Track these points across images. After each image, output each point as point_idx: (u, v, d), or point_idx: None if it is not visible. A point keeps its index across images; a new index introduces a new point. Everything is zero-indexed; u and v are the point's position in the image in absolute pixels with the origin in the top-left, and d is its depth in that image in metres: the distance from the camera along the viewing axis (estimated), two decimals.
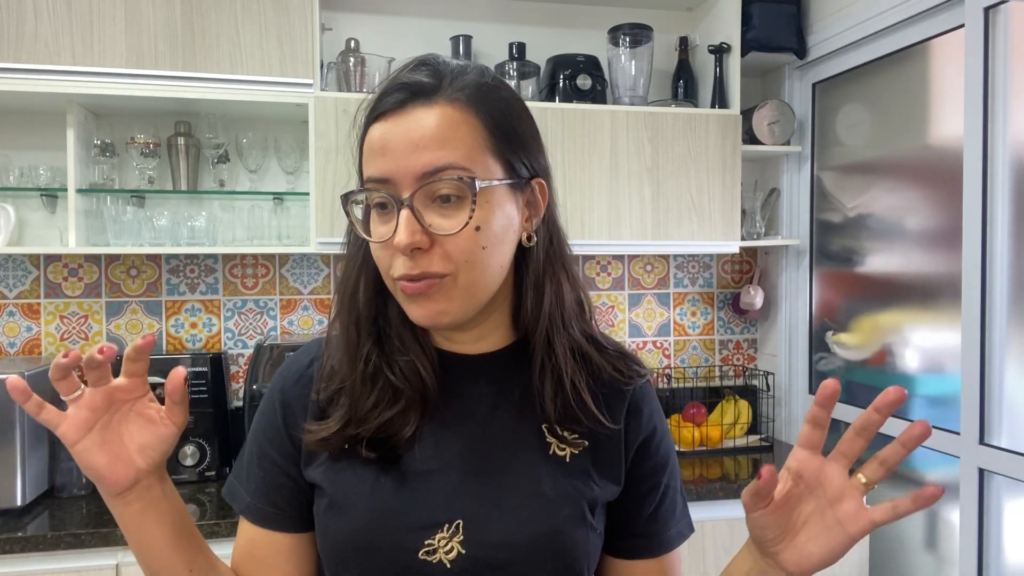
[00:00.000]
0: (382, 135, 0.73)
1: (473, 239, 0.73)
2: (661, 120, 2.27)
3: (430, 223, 0.72)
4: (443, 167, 0.71)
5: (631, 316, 2.64)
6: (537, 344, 0.81)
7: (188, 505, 1.89)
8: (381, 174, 0.73)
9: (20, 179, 2.12)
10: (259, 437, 0.85)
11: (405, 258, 0.72)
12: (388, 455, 0.79)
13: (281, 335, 2.37)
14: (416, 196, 0.72)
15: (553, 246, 0.83)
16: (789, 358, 2.57)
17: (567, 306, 0.82)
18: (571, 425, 0.82)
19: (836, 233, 2.42)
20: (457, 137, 0.73)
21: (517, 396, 0.82)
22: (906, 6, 2.00)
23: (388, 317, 0.82)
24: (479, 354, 0.84)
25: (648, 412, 0.87)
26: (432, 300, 0.74)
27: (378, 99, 0.75)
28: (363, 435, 0.78)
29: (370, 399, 0.79)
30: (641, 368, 0.88)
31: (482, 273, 0.75)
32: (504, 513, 0.78)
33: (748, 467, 2.28)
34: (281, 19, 2.03)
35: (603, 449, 0.83)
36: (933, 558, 2.08)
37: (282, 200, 2.24)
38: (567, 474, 0.81)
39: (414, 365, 0.80)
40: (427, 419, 0.80)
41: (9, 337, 2.22)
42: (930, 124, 2.07)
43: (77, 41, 1.93)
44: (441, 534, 0.76)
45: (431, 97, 0.73)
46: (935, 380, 2.06)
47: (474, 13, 2.45)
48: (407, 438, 0.79)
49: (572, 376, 0.80)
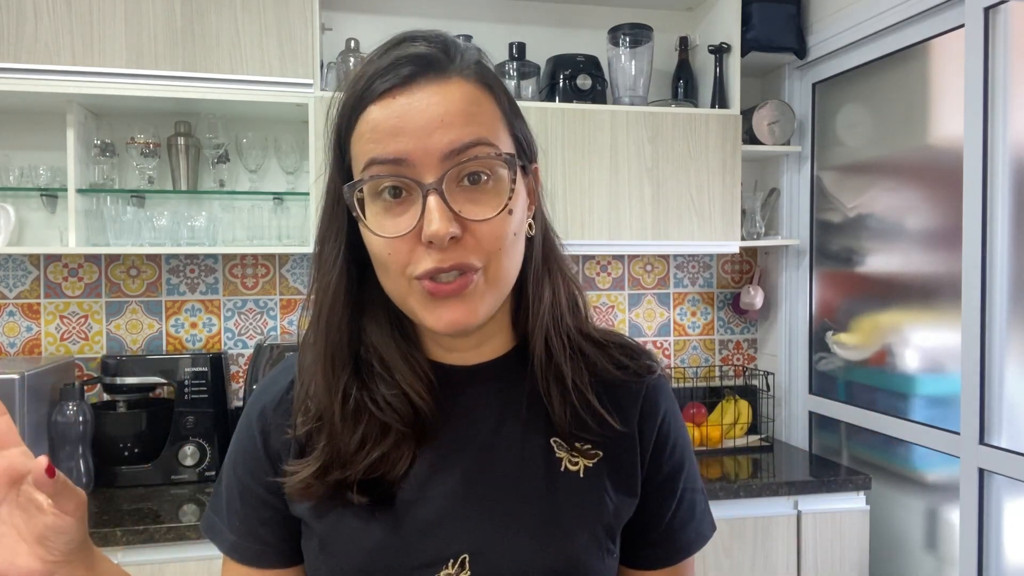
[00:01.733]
0: (394, 113, 0.63)
1: (507, 224, 0.65)
2: (661, 120, 2.27)
3: (460, 209, 0.63)
4: (472, 143, 0.63)
5: (631, 316, 2.64)
6: (537, 347, 0.73)
7: (188, 505, 1.89)
8: (396, 154, 0.62)
9: (20, 179, 2.12)
10: (238, 469, 0.76)
11: (432, 252, 0.63)
12: (381, 494, 0.70)
13: (281, 335, 2.37)
14: (445, 179, 0.62)
15: (547, 238, 0.75)
16: (789, 358, 2.57)
17: (564, 303, 0.75)
18: (582, 434, 0.74)
19: (836, 233, 2.42)
20: (483, 112, 0.65)
21: (523, 408, 0.74)
22: (906, 6, 2.00)
23: (365, 339, 0.72)
24: (479, 363, 0.75)
25: (663, 411, 0.80)
26: (464, 302, 0.65)
27: (377, 77, 0.65)
28: (351, 478, 0.69)
29: (354, 438, 0.69)
30: (652, 362, 0.80)
31: (510, 263, 0.67)
32: (515, 544, 0.70)
33: (748, 467, 2.28)
34: (281, 19, 2.03)
35: (617, 458, 0.76)
36: (933, 558, 2.08)
37: (282, 200, 2.24)
38: (581, 493, 0.73)
39: (402, 395, 0.70)
40: (424, 447, 0.71)
41: (9, 337, 2.22)
42: (930, 124, 2.07)
43: (77, 41, 1.93)
44: (447, 571, 0.69)
45: (445, 71, 0.65)
46: (935, 380, 2.06)
47: (474, 13, 2.45)
48: (402, 473, 0.70)
49: (574, 377, 0.73)
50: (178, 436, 2.05)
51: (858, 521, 2.13)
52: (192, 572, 1.76)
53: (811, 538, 2.10)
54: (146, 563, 1.74)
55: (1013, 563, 1.79)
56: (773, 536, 2.08)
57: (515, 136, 0.69)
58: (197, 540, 1.76)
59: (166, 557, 1.76)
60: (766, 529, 2.07)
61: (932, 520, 2.10)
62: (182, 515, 1.82)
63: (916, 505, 2.14)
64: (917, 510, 2.14)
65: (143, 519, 1.78)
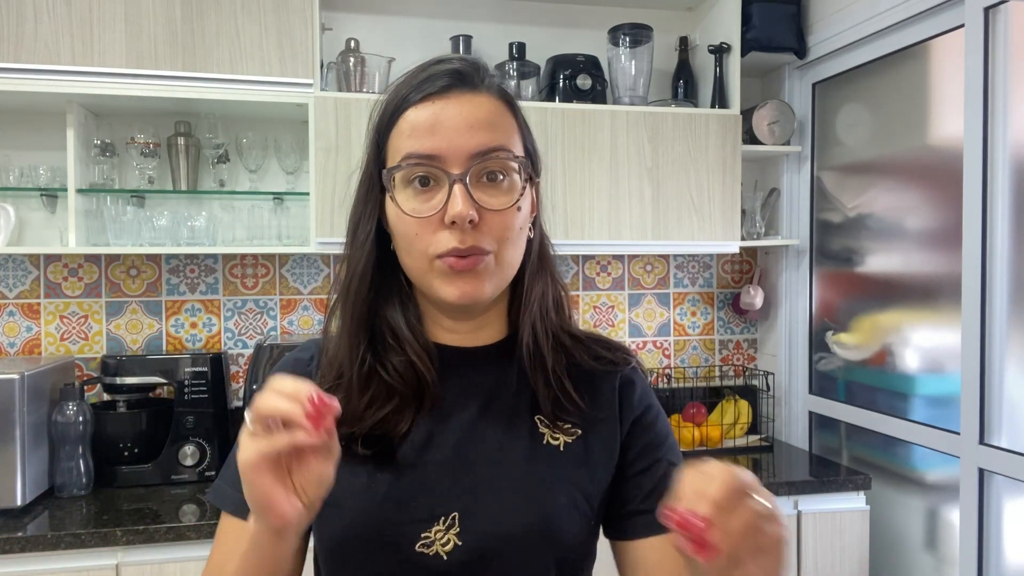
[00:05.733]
0: (431, 115, 0.76)
1: (515, 217, 0.78)
2: (661, 120, 2.27)
3: (479, 199, 0.75)
4: (496, 147, 0.76)
5: (631, 316, 2.64)
6: (525, 335, 0.84)
7: (188, 505, 1.89)
8: (430, 151, 0.75)
9: (20, 179, 2.12)
10: None
11: (453, 233, 0.75)
12: (383, 451, 0.80)
13: (281, 335, 2.37)
14: (469, 173, 0.75)
15: (543, 243, 0.88)
16: (789, 358, 2.57)
17: (551, 301, 0.86)
18: (563, 415, 0.83)
19: (836, 233, 2.42)
20: (504, 124, 0.79)
21: (512, 388, 0.84)
22: (906, 6, 2.00)
23: (381, 313, 0.83)
24: (476, 347, 0.85)
25: (639, 392, 0.89)
26: (477, 277, 0.77)
27: (421, 83, 0.78)
28: (358, 433, 0.79)
29: (364, 398, 0.80)
30: (626, 354, 0.90)
31: (515, 253, 0.80)
32: (498, 504, 0.79)
33: (748, 467, 2.28)
34: (281, 19, 2.03)
35: (597, 436, 0.85)
36: (933, 558, 2.08)
37: (282, 200, 2.24)
38: (561, 463, 0.82)
39: (409, 363, 0.81)
40: (423, 413, 0.81)
41: (9, 337, 2.22)
42: (930, 124, 2.07)
43: (77, 41, 1.93)
44: (438, 527, 0.77)
45: (476, 86, 0.78)
46: (935, 380, 2.06)
47: (474, 13, 2.45)
48: (402, 434, 0.80)
49: (554, 366, 0.83)
50: (178, 436, 2.05)
51: (858, 521, 2.13)
52: (192, 572, 1.76)
53: (811, 538, 2.10)
54: (146, 563, 1.74)
55: (1013, 563, 1.79)
56: None
57: (527, 149, 0.82)
58: (197, 540, 1.76)
59: (166, 557, 1.75)
60: None
61: (932, 520, 2.10)
62: (182, 515, 1.82)
63: (916, 505, 2.14)
64: (917, 510, 2.14)
65: (143, 519, 1.78)
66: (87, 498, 1.94)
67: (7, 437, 1.82)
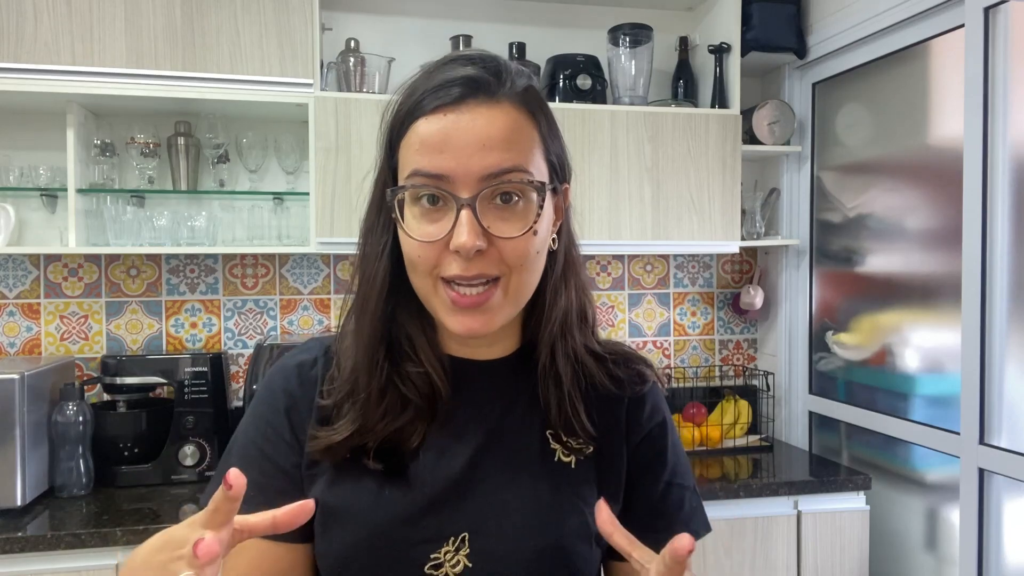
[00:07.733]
0: (441, 129, 0.69)
1: (531, 243, 0.72)
2: (661, 120, 2.27)
3: (489, 225, 0.70)
4: (509, 169, 0.70)
5: (631, 316, 2.64)
6: (543, 353, 0.80)
7: (188, 505, 1.89)
8: (438, 170, 0.69)
9: (20, 179, 2.12)
10: (257, 440, 0.80)
11: (459, 259, 0.70)
12: (394, 465, 0.77)
13: (281, 335, 2.37)
14: (479, 197, 0.69)
15: (570, 252, 0.82)
16: (789, 358, 2.57)
17: (573, 314, 0.81)
18: (574, 432, 0.80)
19: (836, 233, 2.42)
20: (522, 139, 0.72)
21: (524, 403, 0.81)
22: (906, 6, 2.00)
23: (399, 321, 0.79)
24: (490, 360, 0.82)
25: (649, 411, 0.85)
26: (483, 313, 0.72)
27: (435, 88, 0.71)
28: (370, 445, 0.76)
29: (379, 409, 0.76)
30: (646, 370, 0.86)
31: (530, 277, 0.74)
32: (509, 526, 0.76)
33: (748, 467, 2.28)
34: (281, 19, 2.03)
35: (608, 455, 0.82)
36: (933, 558, 2.08)
37: (282, 200, 2.24)
38: (571, 483, 0.79)
39: (425, 374, 0.78)
40: (434, 428, 0.78)
41: (9, 337, 2.22)
42: (930, 124, 2.07)
43: (77, 41, 1.93)
44: (447, 547, 0.75)
45: (495, 95, 0.71)
46: (935, 380, 2.06)
47: (474, 13, 2.45)
48: (413, 448, 0.77)
49: (569, 386, 0.79)
50: (178, 436, 2.05)
51: (858, 521, 2.13)
52: None
53: (811, 538, 2.10)
54: None
55: (1013, 563, 1.79)
56: (773, 536, 2.08)
57: (549, 161, 0.76)
58: None
59: None
60: (766, 529, 2.07)
61: (932, 520, 2.10)
62: (182, 515, 1.82)
63: (916, 505, 2.14)
64: (917, 510, 2.14)
65: (143, 519, 1.78)
66: (87, 498, 1.94)
67: (7, 437, 1.82)
